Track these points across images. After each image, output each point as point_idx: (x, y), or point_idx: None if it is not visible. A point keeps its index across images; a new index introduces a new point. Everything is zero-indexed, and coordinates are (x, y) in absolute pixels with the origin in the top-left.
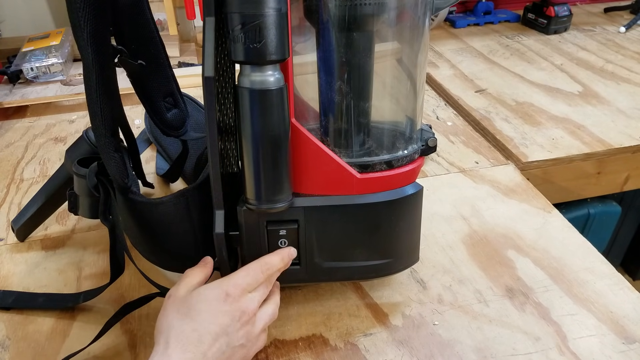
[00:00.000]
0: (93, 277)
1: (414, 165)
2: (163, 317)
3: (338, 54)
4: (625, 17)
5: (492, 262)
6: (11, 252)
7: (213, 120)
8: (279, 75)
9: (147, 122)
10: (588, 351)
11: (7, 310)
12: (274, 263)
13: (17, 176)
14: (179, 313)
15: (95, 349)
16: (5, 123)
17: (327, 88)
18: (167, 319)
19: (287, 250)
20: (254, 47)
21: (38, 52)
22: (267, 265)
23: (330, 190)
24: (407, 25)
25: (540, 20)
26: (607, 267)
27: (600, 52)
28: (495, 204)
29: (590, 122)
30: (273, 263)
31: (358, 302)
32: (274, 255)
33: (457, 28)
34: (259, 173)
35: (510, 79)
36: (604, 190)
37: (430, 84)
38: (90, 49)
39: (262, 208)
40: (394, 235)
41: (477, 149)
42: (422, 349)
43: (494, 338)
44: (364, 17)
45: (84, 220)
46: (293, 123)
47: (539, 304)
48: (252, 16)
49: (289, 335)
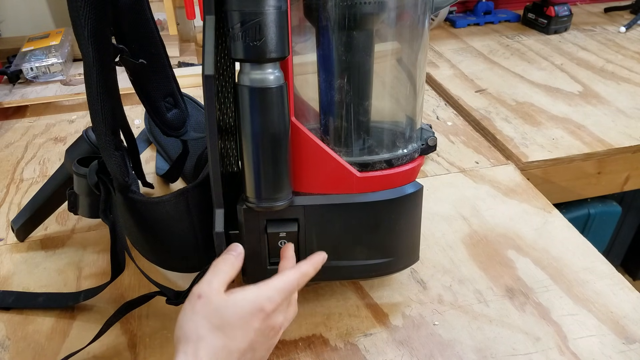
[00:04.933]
0: (93, 276)
1: (414, 164)
2: (191, 321)
3: (338, 53)
4: (625, 17)
5: (492, 262)
6: (11, 252)
7: (213, 118)
8: (278, 74)
9: (147, 122)
10: (588, 351)
11: (7, 310)
12: (310, 274)
13: (17, 176)
14: (211, 324)
15: (95, 349)
16: (5, 123)
17: (327, 87)
18: (196, 325)
19: (321, 257)
20: (254, 44)
21: (38, 52)
22: (305, 277)
23: (330, 189)
24: (407, 24)
25: (540, 20)
26: (607, 267)
27: (600, 52)
28: (495, 204)
29: (591, 122)
30: (309, 274)
31: (358, 302)
32: (309, 265)
33: (457, 28)
34: (258, 171)
35: (510, 78)
36: (604, 190)
37: (430, 84)
38: (91, 47)
39: (262, 206)
40: (394, 234)
41: (477, 149)
42: (422, 349)
43: (494, 338)
44: (363, 16)
45: (84, 220)
46: (293, 122)
47: (539, 304)
48: (252, 14)
49: (289, 335)
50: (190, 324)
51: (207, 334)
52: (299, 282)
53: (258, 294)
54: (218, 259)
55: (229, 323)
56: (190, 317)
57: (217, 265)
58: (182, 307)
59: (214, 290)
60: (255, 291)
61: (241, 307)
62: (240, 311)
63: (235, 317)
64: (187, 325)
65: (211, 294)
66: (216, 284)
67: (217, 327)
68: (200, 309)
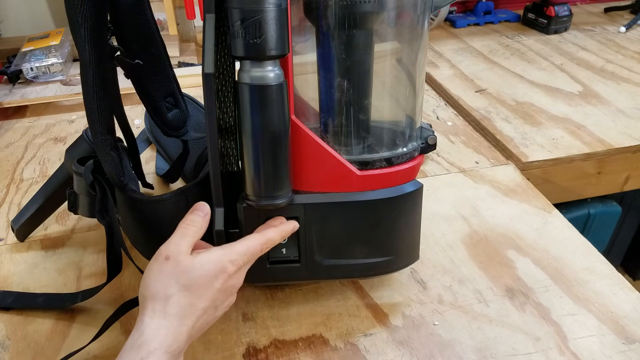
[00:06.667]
0: (93, 277)
1: (413, 163)
2: (159, 281)
3: (338, 52)
4: (625, 17)
5: (492, 262)
6: (11, 252)
7: (213, 117)
8: (279, 71)
9: (147, 122)
10: (588, 351)
11: (6, 310)
12: (276, 240)
13: (17, 176)
14: (178, 283)
15: (95, 349)
16: (5, 123)
17: (327, 86)
18: (164, 285)
19: (291, 225)
20: (254, 42)
21: (38, 52)
22: (268, 243)
23: (330, 187)
24: (407, 23)
25: (540, 20)
26: (607, 267)
27: (600, 52)
28: (495, 204)
29: (591, 122)
30: (275, 240)
31: (358, 302)
32: (276, 232)
33: (457, 28)
34: (259, 169)
35: (510, 78)
36: (604, 190)
37: (430, 84)
38: (88, 45)
39: (261, 204)
40: (394, 233)
41: (477, 149)
42: (422, 349)
43: (494, 338)
44: (363, 15)
45: (84, 220)
46: (293, 120)
47: (539, 304)
48: (252, 11)
49: (289, 336)
50: (158, 284)
51: (176, 293)
52: (262, 248)
53: (222, 255)
54: (185, 219)
55: (196, 283)
56: (158, 277)
57: (184, 226)
58: (148, 266)
59: (182, 252)
60: (219, 253)
61: (207, 269)
62: (206, 272)
63: (201, 278)
64: (155, 285)
65: (179, 256)
66: (184, 246)
67: (184, 286)
68: (168, 269)
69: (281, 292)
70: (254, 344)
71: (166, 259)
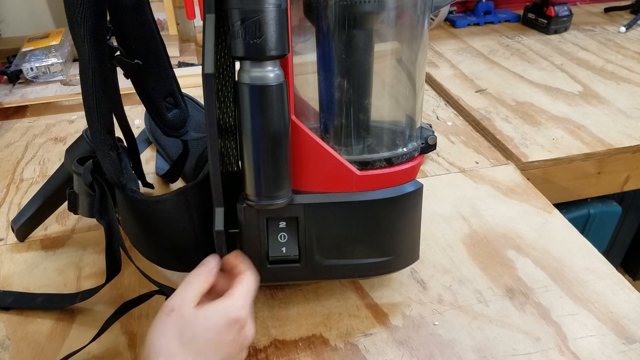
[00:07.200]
0: (93, 277)
1: (413, 163)
2: (162, 335)
3: (337, 51)
4: (625, 17)
5: (492, 262)
6: (11, 252)
7: (213, 117)
8: (278, 72)
9: (147, 122)
10: (588, 351)
11: (6, 310)
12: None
13: (17, 176)
14: (182, 339)
15: (95, 349)
16: (5, 123)
17: (326, 86)
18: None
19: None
20: (254, 42)
21: (38, 52)
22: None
23: (330, 187)
24: (407, 23)
25: (540, 20)
26: (607, 267)
27: (600, 52)
28: (495, 204)
29: (591, 122)
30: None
31: (358, 302)
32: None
33: (457, 28)
34: (258, 169)
35: (510, 78)
36: (604, 190)
37: (430, 84)
38: (88, 45)
39: (261, 204)
40: (394, 233)
41: (477, 149)
42: (422, 349)
43: (494, 338)
44: (363, 14)
45: (84, 220)
46: (293, 120)
47: (539, 304)
48: (252, 11)
49: (289, 336)
50: (161, 338)
51: (178, 351)
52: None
53: (226, 305)
54: (192, 272)
55: (202, 337)
56: (161, 331)
57: (190, 279)
58: (153, 321)
59: (186, 305)
60: (224, 303)
61: (213, 322)
62: (212, 326)
63: (208, 332)
64: (159, 342)
65: (183, 308)
66: (188, 297)
67: (188, 343)
68: (171, 323)
69: (281, 292)
70: (253, 344)
71: (170, 311)
